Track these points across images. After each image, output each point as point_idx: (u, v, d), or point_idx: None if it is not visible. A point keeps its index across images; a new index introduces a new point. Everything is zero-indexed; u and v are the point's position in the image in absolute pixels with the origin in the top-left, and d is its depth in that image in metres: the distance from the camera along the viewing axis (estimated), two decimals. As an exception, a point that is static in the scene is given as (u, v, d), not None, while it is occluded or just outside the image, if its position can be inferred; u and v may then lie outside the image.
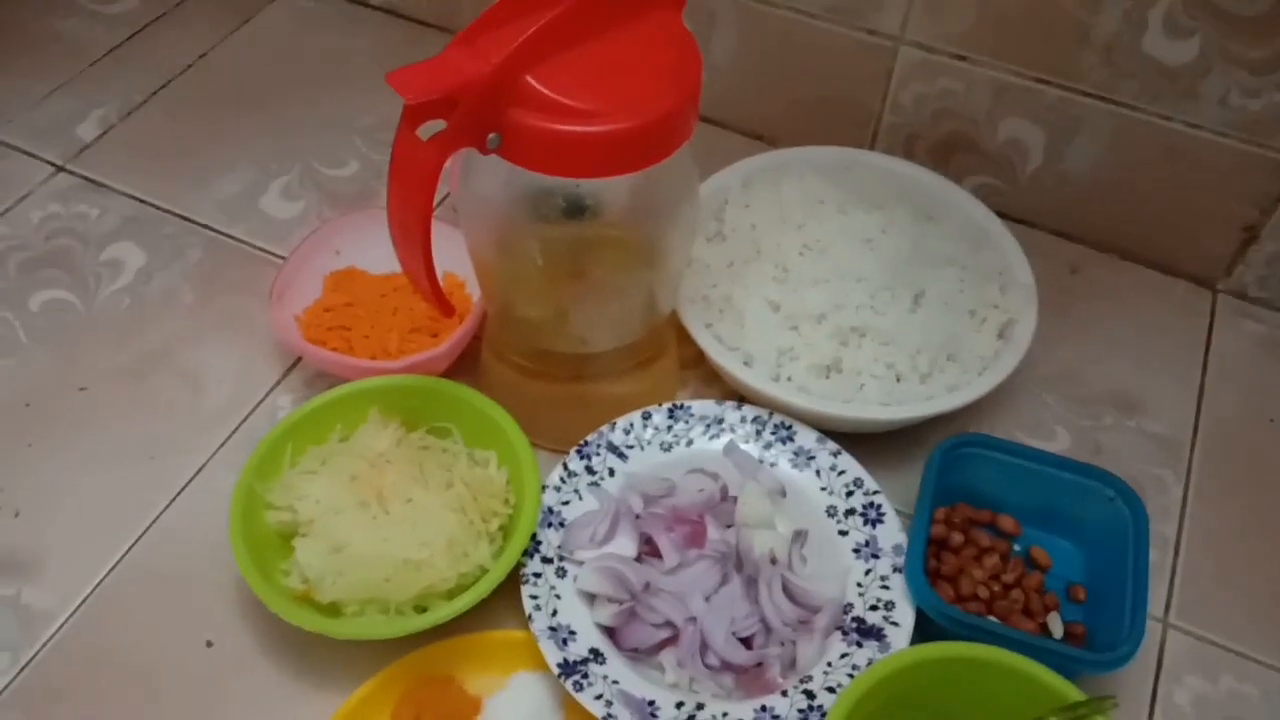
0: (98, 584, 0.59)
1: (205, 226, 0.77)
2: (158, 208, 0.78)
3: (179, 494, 0.62)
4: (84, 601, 0.58)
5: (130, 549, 0.60)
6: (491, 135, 0.46)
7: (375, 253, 0.65)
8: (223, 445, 0.64)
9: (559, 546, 0.56)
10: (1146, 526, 0.56)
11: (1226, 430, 0.68)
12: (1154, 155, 0.71)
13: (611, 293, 0.57)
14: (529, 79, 0.46)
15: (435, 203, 0.48)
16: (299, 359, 0.68)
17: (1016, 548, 0.60)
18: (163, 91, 0.86)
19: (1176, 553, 0.62)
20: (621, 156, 0.48)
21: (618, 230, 0.56)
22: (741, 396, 0.64)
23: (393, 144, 0.46)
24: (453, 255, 0.61)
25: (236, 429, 0.65)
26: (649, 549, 0.57)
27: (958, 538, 0.58)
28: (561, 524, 0.57)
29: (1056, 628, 0.56)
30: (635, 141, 0.47)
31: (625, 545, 0.57)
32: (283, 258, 0.72)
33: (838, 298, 0.62)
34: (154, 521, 0.61)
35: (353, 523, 0.54)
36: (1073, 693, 0.49)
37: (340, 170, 0.81)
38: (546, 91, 0.46)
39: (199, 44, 0.91)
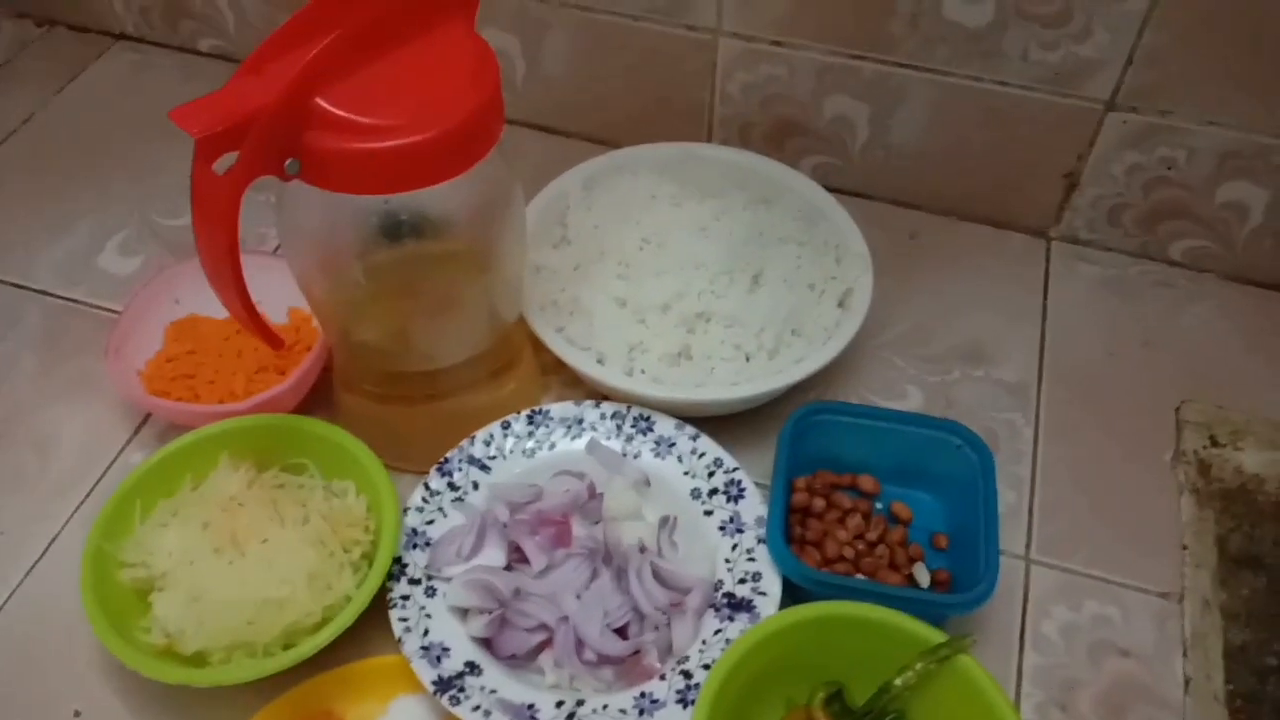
0: (-47, 670, 0.56)
1: (42, 292, 0.75)
2: (-9, 279, 0.76)
3: (34, 565, 0.60)
4: (-60, 689, 0.56)
5: (-14, 629, 0.58)
6: (289, 161, 0.46)
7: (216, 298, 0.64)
8: (77, 511, 0.62)
9: (426, 566, 0.56)
10: (993, 468, 0.59)
11: (1069, 369, 0.71)
12: (972, 116, 0.74)
13: (448, 306, 0.57)
14: (320, 101, 0.46)
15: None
16: (148, 415, 0.66)
17: (878, 506, 0.62)
18: (-12, 159, 0.84)
19: (1032, 491, 0.64)
20: (425, 168, 0.48)
21: (443, 243, 0.56)
22: (602, 395, 0.65)
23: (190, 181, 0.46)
24: (296, 291, 0.60)
25: (90, 493, 0.63)
26: (518, 556, 0.57)
27: (820, 503, 0.60)
28: (428, 543, 0.57)
29: (922, 577, 0.58)
30: (437, 151, 0.47)
31: (494, 556, 0.57)
32: (125, 314, 0.70)
33: (679, 286, 0.63)
34: (10, 596, 0.59)
35: (209, 570, 0.53)
36: (937, 637, 0.51)
37: (179, 220, 0.79)
38: (338, 111, 0.46)
39: (24, 106, 0.88)
